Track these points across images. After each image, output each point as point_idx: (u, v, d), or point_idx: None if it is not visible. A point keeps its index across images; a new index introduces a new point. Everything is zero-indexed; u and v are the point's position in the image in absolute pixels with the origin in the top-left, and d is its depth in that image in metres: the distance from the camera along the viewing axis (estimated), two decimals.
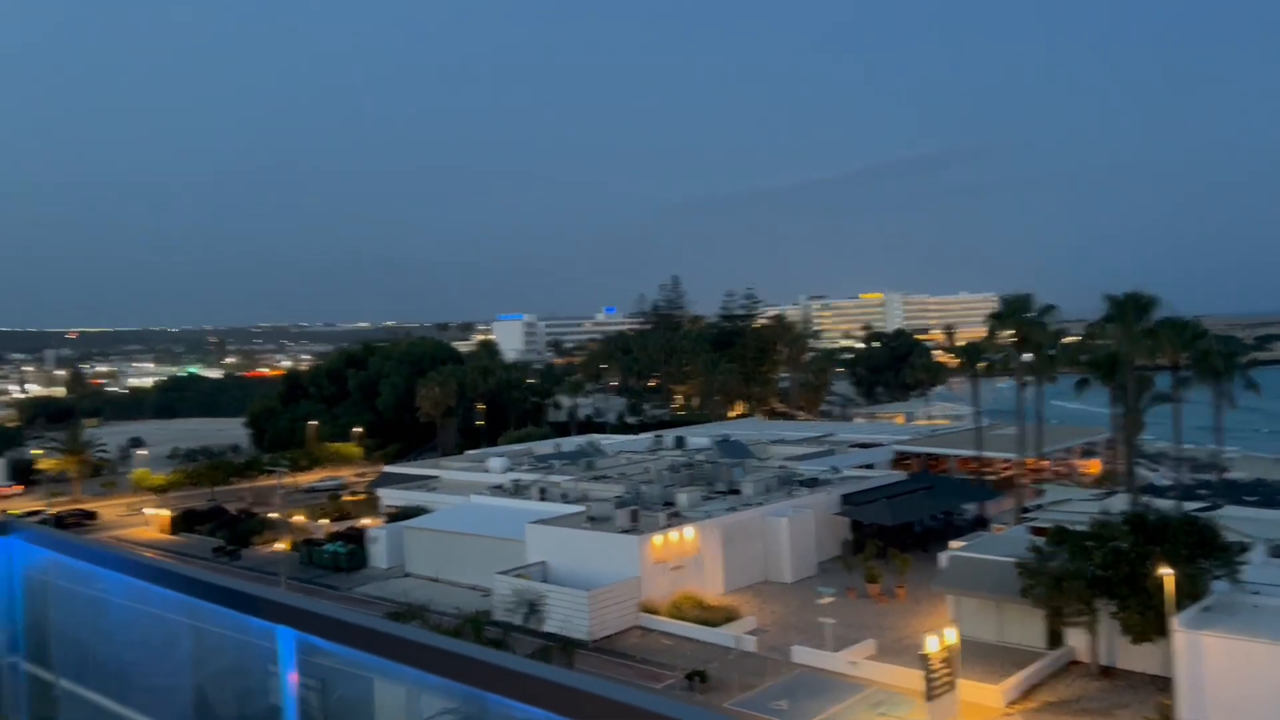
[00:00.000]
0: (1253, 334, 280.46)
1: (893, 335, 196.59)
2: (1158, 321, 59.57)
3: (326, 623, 2.57)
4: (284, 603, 2.76)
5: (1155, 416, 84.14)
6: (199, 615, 3.26)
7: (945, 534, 59.96)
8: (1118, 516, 39.25)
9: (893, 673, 38.19)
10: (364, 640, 2.42)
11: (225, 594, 2.98)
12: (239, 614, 2.84)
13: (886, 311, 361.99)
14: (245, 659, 3.16)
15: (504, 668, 2.11)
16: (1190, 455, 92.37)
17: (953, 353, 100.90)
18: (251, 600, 2.84)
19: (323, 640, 2.60)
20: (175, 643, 3.76)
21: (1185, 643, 33.64)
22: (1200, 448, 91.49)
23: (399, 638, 2.35)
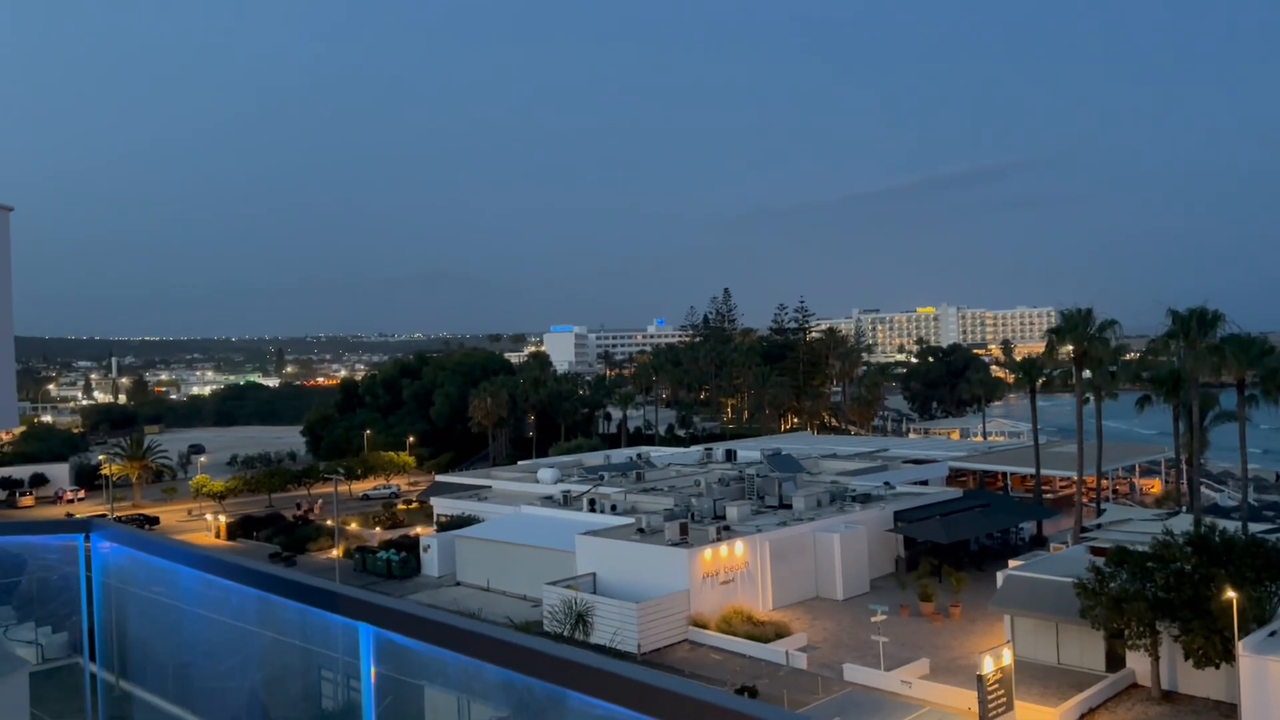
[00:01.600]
0: None
1: (948, 349, 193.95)
2: (1223, 338, 58.00)
3: (406, 619, 2.65)
4: (366, 600, 2.85)
5: (1219, 435, 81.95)
6: (279, 611, 3.37)
7: (1002, 553, 59.03)
8: (1180, 537, 38.20)
9: (947, 693, 37.56)
10: (442, 636, 2.49)
11: (307, 591, 3.08)
12: (321, 611, 2.94)
13: (941, 325, 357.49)
14: (326, 655, 3.26)
15: (585, 665, 2.16)
16: (1256, 476, 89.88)
17: (1010, 368, 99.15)
18: (333, 597, 2.93)
19: (402, 637, 2.68)
20: (254, 640, 3.88)
21: (1250, 668, 32.63)
22: (1267, 469, 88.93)
23: (478, 634, 2.41)
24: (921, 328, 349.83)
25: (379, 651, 2.75)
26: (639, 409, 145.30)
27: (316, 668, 3.56)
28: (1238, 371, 58.06)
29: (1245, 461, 62.52)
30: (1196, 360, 57.79)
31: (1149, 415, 76.42)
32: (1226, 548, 36.63)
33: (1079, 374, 66.14)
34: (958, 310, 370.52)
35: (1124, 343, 73.40)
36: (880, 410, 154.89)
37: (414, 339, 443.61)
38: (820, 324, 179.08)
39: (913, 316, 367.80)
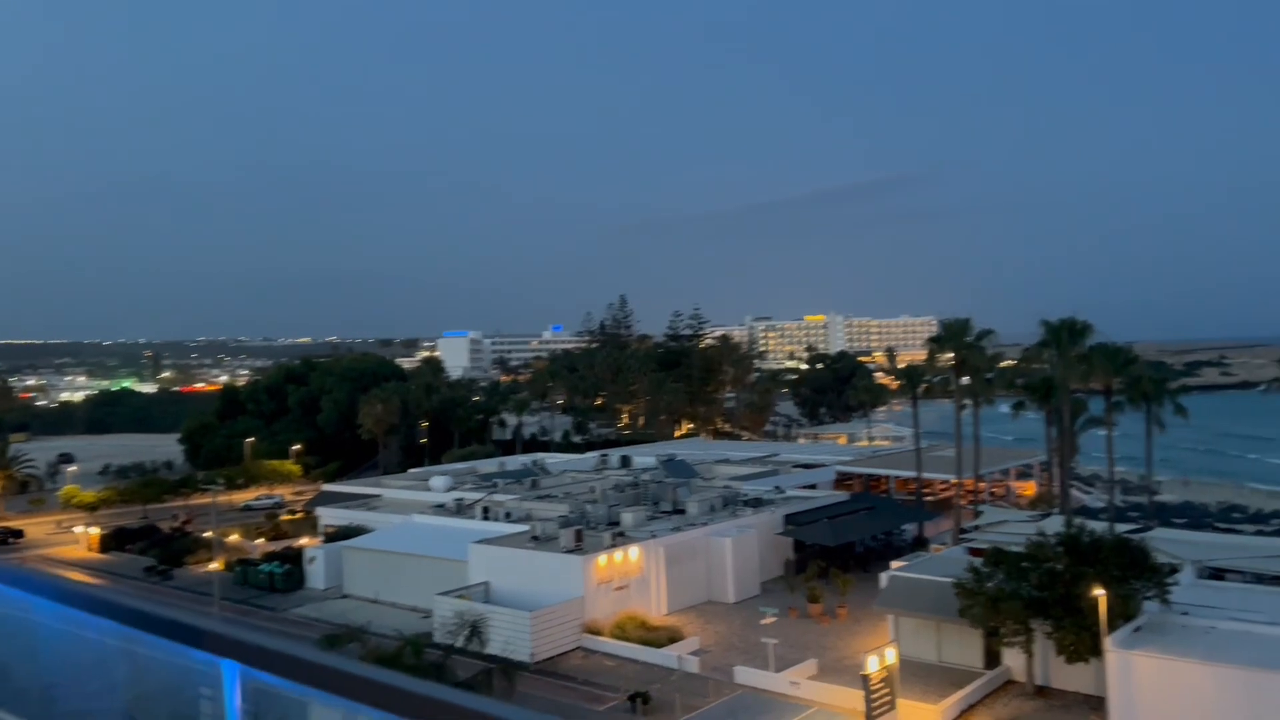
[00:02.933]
0: (1181, 360, 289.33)
1: (836, 357, 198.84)
2: (1091, 347, 61.18)
3: (277, 658, 2.52)
4: (232, 635, 2.70)
5: (1089, 440, 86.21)
6: (137, 645, 3.17)
7: (886, 554, 60.68)
8: (1052, 538, 40.00)
9: (834, 693, 38.41)
10: (317, 676, 2.38)
11: (167, 626, 2.90)
12: (181, 646, 2.76)
13: (829, 333, 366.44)
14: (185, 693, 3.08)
15: (470, 709, 2.10)
16: (1122, 478, 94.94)
17: (894, 375, 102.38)
18: (198, 633, 2.77)
19: (272, 676, 2.54)
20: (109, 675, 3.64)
21: (1117, 662, 34.37)
22: (1132, 471, 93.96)
23: (357, 675, 2.31)
24: (811, 335, 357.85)
25: (246, 692, 2.60)
26: (535, 415, 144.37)
27: (175, 712, 3.36)
28: (1105, 379, 61.31)
29: (1112, 464, 66.07)
30: (1067, 368, 60.74)
31: (1007, 421, 79.94)
32: (1095, 547, 38.48)
33: (958, 380, 68.66)
34: (845, 319, 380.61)
35: (1000, 351, 76.63)
36: (772, 416, 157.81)
37: (300, 343, 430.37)
38: (715, 331, 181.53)
39: (803, 325, 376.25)
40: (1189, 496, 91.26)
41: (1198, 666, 33.30)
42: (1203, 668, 33.19)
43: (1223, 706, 32.13)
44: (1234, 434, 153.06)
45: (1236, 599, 42.11)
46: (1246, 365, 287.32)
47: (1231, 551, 51.23)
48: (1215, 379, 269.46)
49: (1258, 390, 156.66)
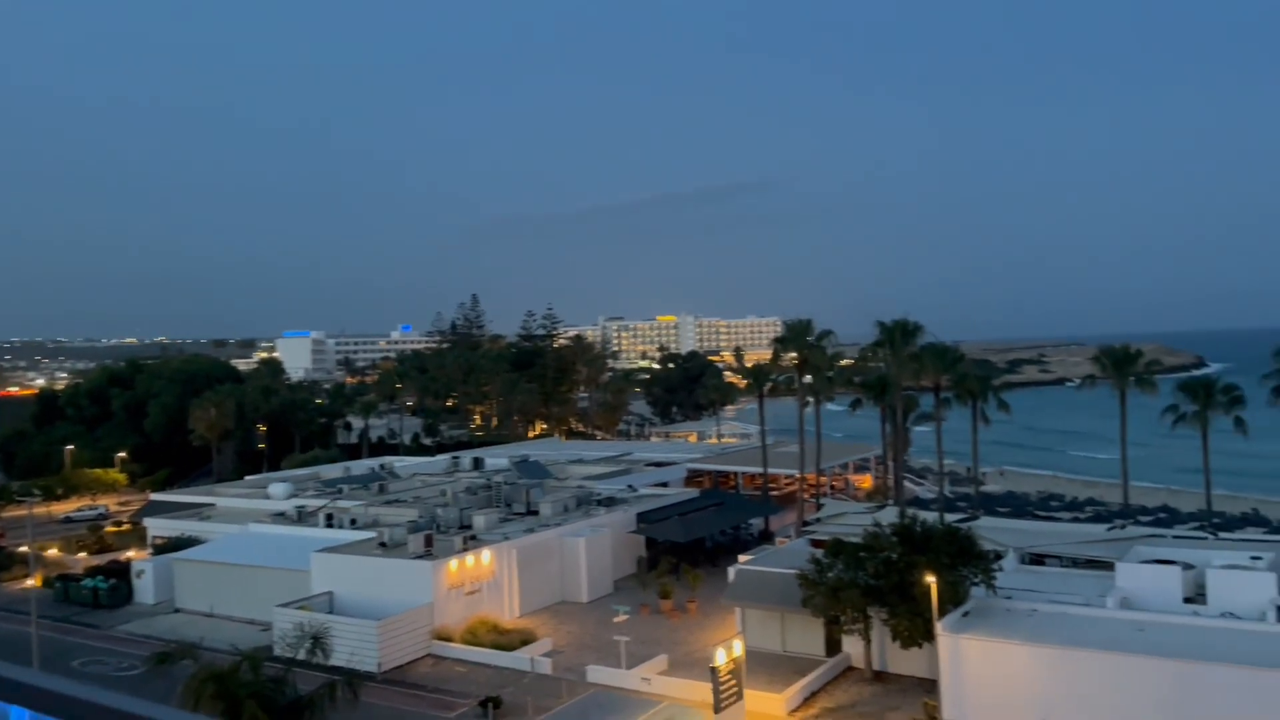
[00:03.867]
0: (1005, 359, 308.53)
1: (687, 356, 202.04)
2: (922, 347, 64.38)
3: (68, 702, 2.35)
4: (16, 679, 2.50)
5: (921, 434, 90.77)
6: None
7: (734, 548, 62.15)
8: (888, 528, 41.90)
9: (684, 687, 39.06)
10: None
11: None
12: None
13: (680, 333, 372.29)
14: None
15: None
16: (951, 470, 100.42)
17: (741, 374, 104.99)
18: None
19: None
20: None
21: (948, 646, 36.32)
22: (961, 464, 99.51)
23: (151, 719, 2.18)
24: (663, 335, 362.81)
25: None
26: (382, 418, 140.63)
27: None
28: (934, 377, 64.65)
29: (941, 457, 69.74)
30: (900, 367, 63.76)
31: (846, 417, 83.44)
32: (926, 537, 40.51)
33: (801, 379, 71.04)
34: (696, 319, 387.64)
35: (840, 350, 79.74)
36: (625, 415, 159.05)
37: (125, 344, 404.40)
38: (568, 331, 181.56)
39: (654, 324, 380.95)
40: (1011, 487, 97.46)
41: (1021, 647, 35.55)
42: (1025, 648, 35.46)
43: (1044, 684, 34.42)
44: (1051, 429, 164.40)
45: (1055, 582, 45.21)
46: (1063, 363, 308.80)
47: (1050, 538, 54.92)
48: (1035, 376, 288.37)
49: (1071, 386, 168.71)
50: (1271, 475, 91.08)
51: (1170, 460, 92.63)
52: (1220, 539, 51.81)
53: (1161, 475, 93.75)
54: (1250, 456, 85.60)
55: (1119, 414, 67.59)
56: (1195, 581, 41.35)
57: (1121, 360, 67.23)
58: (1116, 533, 54.32)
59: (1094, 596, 40.74)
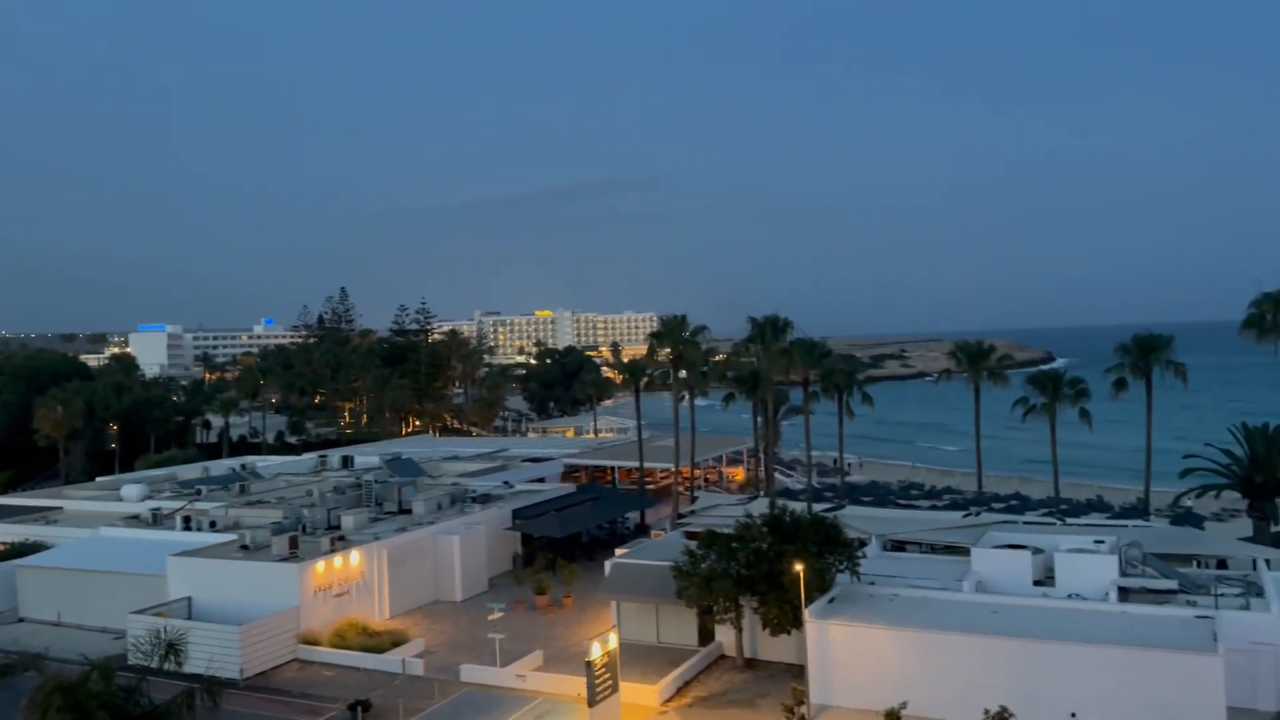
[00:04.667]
0: (869, 354, 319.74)
1: (564, 352, 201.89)
2: (792, 342, 66.00)
3: None
4: None
5: (790, 427, 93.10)
6: None
7: (611, 542, 62.45)
8: (758, 519, 42.86)
9: (560, 682, 39.03)
10: None
11: None
12: None
13: (558, 328, 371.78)
14: None
15: None
16: (819, 462, 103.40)
17: (618, 369, 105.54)
18: None
19: None
20: None
21: (815, 631, 37.42)
22: (828, 455, 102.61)
23: None
24: (540, 331, 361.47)
25: None
26: (244, 416, 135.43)
27: None
28: (803, 371, 66.41)
29: (810, 449, 71.73)
30: (771, 362, 65.21)
31: (720, 411, 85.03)
32: (795, 526, 41.59)
33: (676, 374, 71.90)
34: (573, 314, 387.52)
35: (714, 346, 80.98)
36: (501, 411, 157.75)
37: None
38: (442, 326, 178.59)
39: (532, 320, 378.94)
40: (874, 477, 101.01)
41: (883, 631, 36.93)
42: (887, 632, 36.85)
43: (905, 665, 35.85)
44: (912, 421, 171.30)
45: (916, 567, 47.14)
46: (923, 358, 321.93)
47: (911, 525, 57.21)
48: (897, 371, 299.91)
49: (930, 380, 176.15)
50: (1114, 464, 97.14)
51: (1021, 450, 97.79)
52: (1067, 524, 55.01)
53: (1013, 464, 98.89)
54: (1093, 448, 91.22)
55: (974, 406, 70.89)
56: (1044, 565, 43.78)
57: (976, 355, 70.55)
58: (972, 519, 57.01)
59: (951, 580, 42.65)
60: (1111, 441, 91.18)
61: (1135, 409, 64.96)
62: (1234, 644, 33.51)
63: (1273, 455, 58.15)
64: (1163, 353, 62.65)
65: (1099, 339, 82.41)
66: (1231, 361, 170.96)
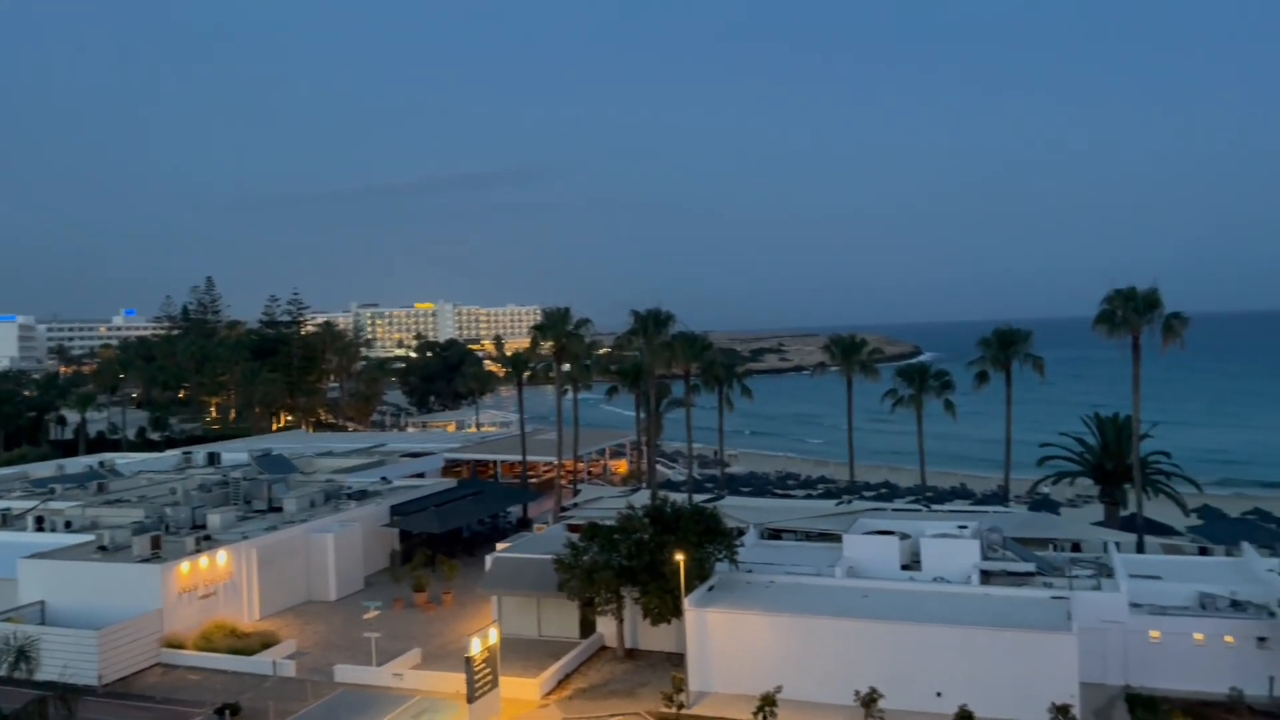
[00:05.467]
0: (749, 348, 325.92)
1: (445, 345, 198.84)
2: (674, 335, 66.65)
3: None
4: None
5: (672, 419, 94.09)
6: None
7: (492, 537, 61.88)
8: (640, 510, 43.22)
9: (438, 679, 38.51)
10: None
11: None
12: None
13: (439, 321, 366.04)
14: None
15: None
16: (700, 454, 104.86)
17: (501, 362, 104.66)
18: None
19: None
20: None
21: (694, 620, 37.99)
22: (709, 447, 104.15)
23: None
24: (420, 323, 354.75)
25: None
26: (103, 411, 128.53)
27: None
28: (685, 364, 67.19)
29: (691, 441, 72.66)
30: (653, 355, 65.73)
31: (603, 403, 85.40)
32: (676, 517, 42.12)
33: (559, 367, 71.73)
34: (454, 307, 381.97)
35: (597, 339, 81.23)
36: (379, 405, 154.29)
37: None
38: (317, 318, 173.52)
39: (412, 312, 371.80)
40: (752, 467, 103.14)
41: (759, 617, 37.77)
42: (763, 618, 37.70)
43: (780, 650, 36.73)
44: (789, 413, 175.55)
45: (791, 555, 48.37)
46: (800, 351, 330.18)
47: (787, 514, 58.70)
48: (775, 364, 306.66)
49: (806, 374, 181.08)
50: (976, 453, 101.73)
51: (890, 441, 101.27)
52: (933, 511, 57.38)
53: (884, 454, 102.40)
54: (956, 438, 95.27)
55: (846, 398, 73.09)
56: (911, 550, 45.56)
57: (849, 349, 72.73)
58: (844, 507, 58.89)
59: (824, 566, 43.96)
60: (974, 432, 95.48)
61: (997, 400, 68.14)
62: (1086, 623, 35.57)
63: (1122, 444, 61.91)
64: (1021, 346, 65.82)
65: (964, 334, 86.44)
66: (1085, 355, 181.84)
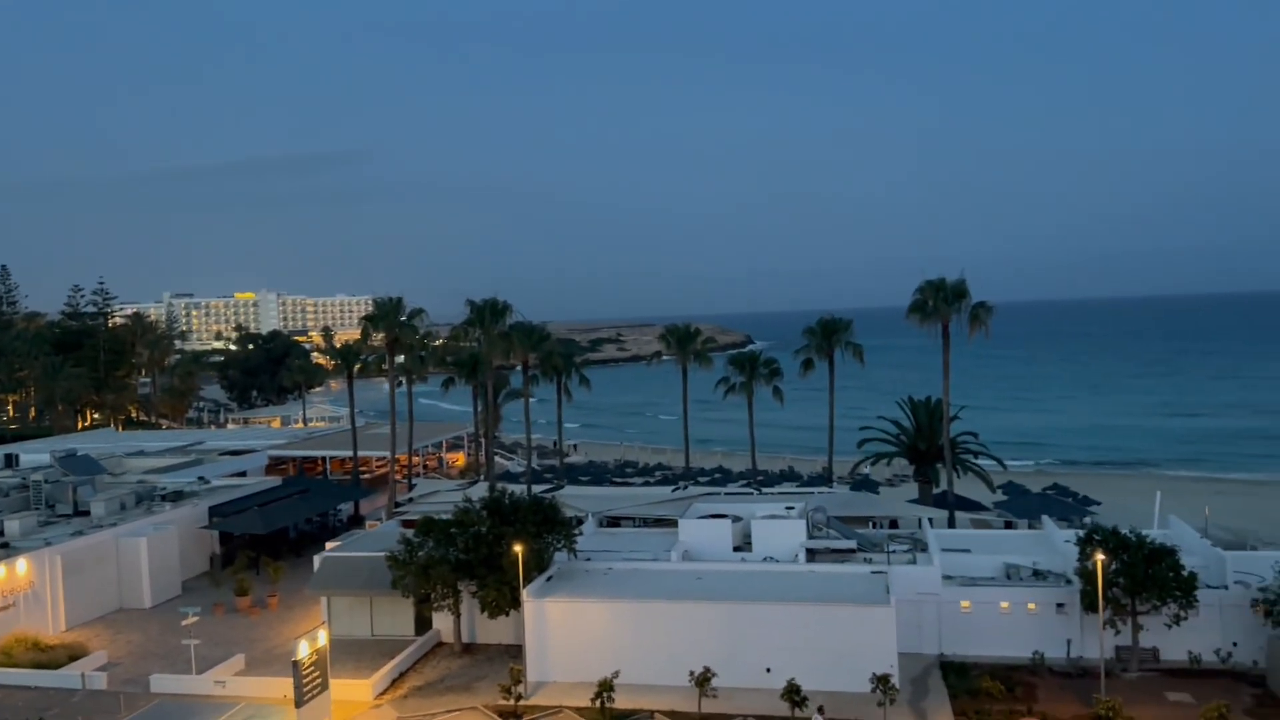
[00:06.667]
0: (588, 338, 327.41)
1: (269, 336, 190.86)
2: (511, 326, 66.11)
3: None
4: None
5: (511, 410, 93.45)
6: None
7: (322, 536, 59.80)
8: (477, 503, 42.74)
9: (264, 685, 36.95)
10: None
11: None
12: None
13: (262, 312, 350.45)
14: None
15: None
16: (539, 444, 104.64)
17: (330, 354, 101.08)
18: None
19: None
20: None
21: (532, 610, 37.93)
22: (549, 438, 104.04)
23: None
24: (241, 314, 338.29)
25: None
26: None
27: None
28: (523, 355, 66.80)
29: (529, 432, 72.40)
30: (490, 345, 65.02)
31: (440, 395, 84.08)
32: (514, 508, 41.89)
33: (391, 359, 69.98)
34: (278, 296, 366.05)
35: (433, 330, 79.58)
36: (195, 401, 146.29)
37: None
38: (126, 309, 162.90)
39: (231, 302, 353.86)
40: (592, 457, 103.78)
41: (596, 604, 38.11)
42: (600, 605, 38.07)
43: (617, 636, 37.16)
44: (628, 402, 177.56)
45: (629, 541, 49.05)
46: (637, 341, 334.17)
47: (625, 501, 59.48)
48: (614, 354, 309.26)
49: (644, 364, 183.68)
50: (802, 439, 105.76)
51: (722, 430, 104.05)
52: (763, 494, 59.46)
53: (718, 441, 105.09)
54: (784, 427, 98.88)
55: (682, 386, 74.62)
56: (743, 531, 47.07)
57: (683, 338, 74.22)
58: (680, 493, 60.21)
59: (661, 551, 44.81)
60: (801, 417, 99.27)
61: (822, 387, 71.09)
62: (904, 595, 37.70)
63: (934, 425, 65.83)
64: (843, 335, 68.87)
65: (793, 323, 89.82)
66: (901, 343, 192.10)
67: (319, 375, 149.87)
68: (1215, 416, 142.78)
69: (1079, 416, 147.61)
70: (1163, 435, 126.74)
